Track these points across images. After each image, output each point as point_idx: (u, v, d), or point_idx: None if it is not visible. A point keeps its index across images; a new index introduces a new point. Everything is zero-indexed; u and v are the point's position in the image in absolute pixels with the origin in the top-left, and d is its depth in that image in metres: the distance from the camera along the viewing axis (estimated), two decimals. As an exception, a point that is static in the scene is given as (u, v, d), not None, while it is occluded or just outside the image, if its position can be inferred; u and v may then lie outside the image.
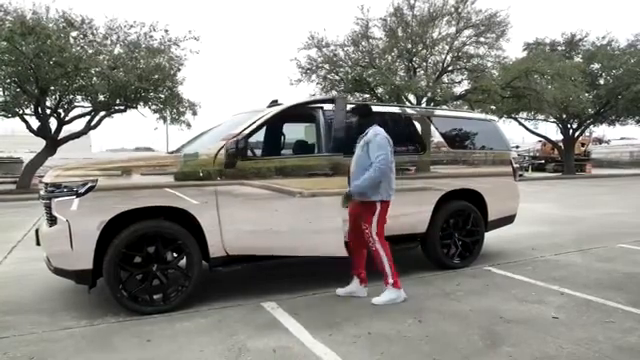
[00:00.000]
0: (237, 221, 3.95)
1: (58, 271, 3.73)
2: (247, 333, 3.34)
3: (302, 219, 4.04)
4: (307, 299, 4.13)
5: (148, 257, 3.80)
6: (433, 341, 3.21)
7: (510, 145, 6.26)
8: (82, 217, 3.54)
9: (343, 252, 4.13)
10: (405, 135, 5.10)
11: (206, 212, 3.85)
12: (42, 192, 3.82)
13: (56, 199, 3.60)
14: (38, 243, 3.96)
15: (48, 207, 3.69)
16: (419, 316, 3.68)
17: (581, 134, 28.58)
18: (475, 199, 5.39)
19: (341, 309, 3.85)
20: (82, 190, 3.54)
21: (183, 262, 3.94)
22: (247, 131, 4.05)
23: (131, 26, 15.19)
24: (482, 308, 3.87)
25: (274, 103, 4.70)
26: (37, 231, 3.98)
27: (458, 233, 5.26)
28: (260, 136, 5.10)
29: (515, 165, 5.93)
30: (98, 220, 3.56)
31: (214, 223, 3.87)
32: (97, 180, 3.58)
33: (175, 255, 3.97)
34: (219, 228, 3.89)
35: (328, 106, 4.48)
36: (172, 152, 5.20)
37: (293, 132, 5.41)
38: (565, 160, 27.45)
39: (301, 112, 4.69)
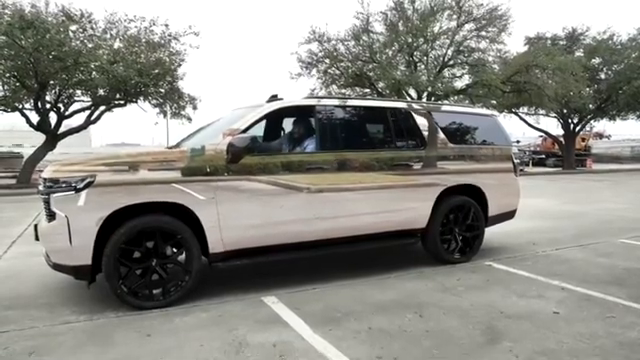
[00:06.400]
0: (237, 217, 3.95)
1: (57, 267, 3.72)
2: (247, 327, 3.34)
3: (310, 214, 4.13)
4: (308, 294, 4.13)
5: (147, 252, 3.79)
6: (433, 336, 3.21)
7: (511, 140, 6.24)
8: (81, 212, 3.53)
9: None
10: (405, 130, 5.08)
11: (206, 208, 3.84)
12: (41, 187, 3.80)
13: (54, 194, 3.58)
14: (37, 238, 3.94)
15: (47, 202, 3.67)
16: (419, 311, 3.67)
17: (582, 129, 28.50)
18: (475, 194, 5.38)
19: (342, 304, 3.84)
20: (80, 185, 3.53)
21: (183, 257, 3.93)
22: (246, 125, 4.06)
23: (131, 20, 15.10)
24: (482, 303, 3.87)
25: (274, 98, 4.67)
26: (36, 226, 3.97)
27: (458, 228, 5.25)
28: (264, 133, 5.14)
29: (516, 160, 5.92)
30: (97, 216, 3.54)
31: (214, 219, 3.87)
32: (95, 175, 3.57)
33: (175, 250, 3.96)
34: (218, 224, 3.88)
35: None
36: (171, 147, 5.18)
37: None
38: (565, 155, 27.39)
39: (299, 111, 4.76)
